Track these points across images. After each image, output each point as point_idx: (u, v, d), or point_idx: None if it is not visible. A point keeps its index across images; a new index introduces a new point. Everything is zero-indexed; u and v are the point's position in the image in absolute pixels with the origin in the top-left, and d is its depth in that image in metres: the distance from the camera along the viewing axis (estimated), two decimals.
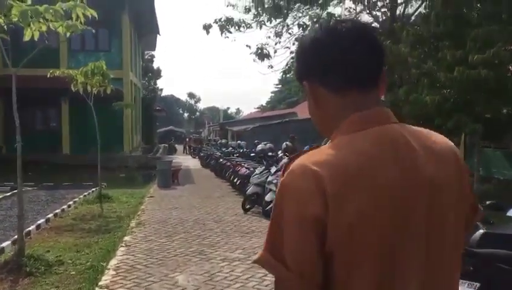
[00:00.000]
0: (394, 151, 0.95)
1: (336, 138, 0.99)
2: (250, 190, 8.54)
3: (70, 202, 9.92)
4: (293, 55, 15.47)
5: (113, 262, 5.47)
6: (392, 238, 0.91)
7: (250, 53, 15.03)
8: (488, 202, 3.42)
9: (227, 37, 15.68)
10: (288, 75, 16.48)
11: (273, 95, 74.44)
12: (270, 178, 8.00)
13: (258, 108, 71.60)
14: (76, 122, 20.11)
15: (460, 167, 1.04)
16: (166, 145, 33.69)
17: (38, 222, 7.68)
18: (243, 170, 10.88)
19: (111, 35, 21.35)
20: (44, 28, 5.33)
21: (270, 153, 12.17)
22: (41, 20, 5.15)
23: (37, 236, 7.01)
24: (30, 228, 7.19)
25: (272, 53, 14.55)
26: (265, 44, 15.20)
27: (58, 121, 21.03)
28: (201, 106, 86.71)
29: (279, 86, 70.13)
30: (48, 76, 10.04)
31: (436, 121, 9.62)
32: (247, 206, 8.70)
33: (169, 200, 10.61)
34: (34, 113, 21.20)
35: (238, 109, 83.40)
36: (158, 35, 28.41)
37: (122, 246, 6.17)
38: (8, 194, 11.22)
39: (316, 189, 0.89)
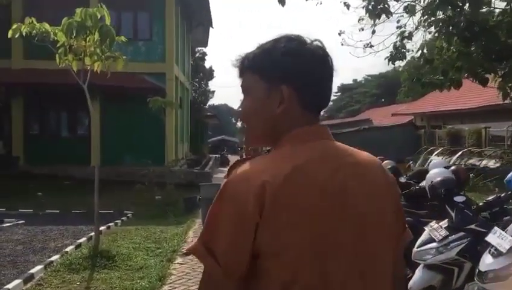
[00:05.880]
0: (332, 165, 1.04)
1: (282, 146, 1.08)
2: (417, 280, 3.48)
3: (38, 267, 5.35)
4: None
5: None
6: (321, 239, 0.98)
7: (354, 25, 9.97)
8: None
9: None
10: (394, 65, 11.15)
11: (331, 104, 69.19)
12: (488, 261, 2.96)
13: None
14: (109, 127, 15.96)
15: (387, 184, 1.12)
16: (218, 156, 29.35)
17: None
18: None
19: (153, 20, 17.13)
20: None
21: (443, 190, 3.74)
22: None
23: None
24: None
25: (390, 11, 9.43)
26: None
27: (87, 126, 16.91)
28: None
29: (339, 93, 65.04)
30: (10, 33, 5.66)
31: None
32: None
33: None
34: (59, 116, 17.32)
35: None
36: (211, 28, 24.12)
37: None
38: None
39: (256, 193, 0.96)
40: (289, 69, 1.08)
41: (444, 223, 3.46)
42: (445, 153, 16.42)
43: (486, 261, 2.91)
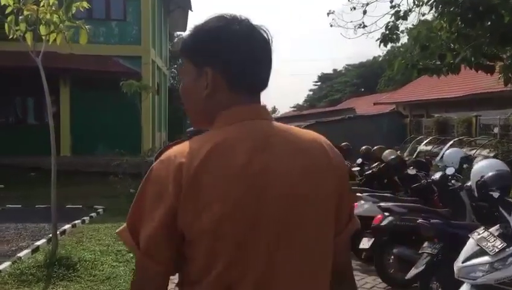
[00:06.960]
0: (255, 145, 0.99)
1: (212, 128, 1.05)
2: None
3: None
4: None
5: None
6: (240, 223, 0.94)
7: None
8: None
9: None
10: (387, 46, 10.28)
11: (311, 93, 68.87)
12: None
13: (293, 107, 66.20)
14: (80, 113, 14.83)
15: (329, 165, 1.04)
16: None
17: None
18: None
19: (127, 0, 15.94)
20: None
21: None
22: None
23: None
24: None
25: None
26: None
27: (56, 112, 15.67)
28: None
29: (319, 83, 64.68)
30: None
31: None
32: None
33: None
34: (25, 102, 16.07)
35: (274, 107, 77.41)
36: (190, 12, 22.95)
37: None
38: None
39: (174, 176, 0.95)
40: (212, 50, 1.05)
41: (495, 230, 2.70)
42: (434, 142, 15.86)
43: None
